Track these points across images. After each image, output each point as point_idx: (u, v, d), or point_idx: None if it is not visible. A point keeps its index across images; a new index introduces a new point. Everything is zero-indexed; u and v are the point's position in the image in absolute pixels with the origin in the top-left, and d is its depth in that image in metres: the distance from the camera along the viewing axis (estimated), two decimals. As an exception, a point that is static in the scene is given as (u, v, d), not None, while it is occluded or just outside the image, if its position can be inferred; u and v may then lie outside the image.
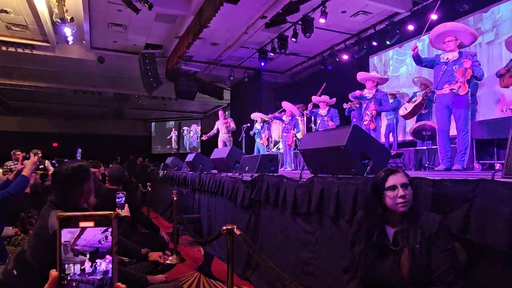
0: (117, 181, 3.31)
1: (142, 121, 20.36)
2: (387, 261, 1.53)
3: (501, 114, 5.66)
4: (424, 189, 1.76)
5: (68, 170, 1.74)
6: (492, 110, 6.16)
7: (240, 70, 11.48)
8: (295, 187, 2.76)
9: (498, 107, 6.08)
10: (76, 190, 1.73)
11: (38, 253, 1.59)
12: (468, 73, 3.57)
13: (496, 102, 6.20)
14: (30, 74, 11.45)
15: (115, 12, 7.81)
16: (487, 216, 1.47)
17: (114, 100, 15.70)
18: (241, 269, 3.54)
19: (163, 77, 10.64)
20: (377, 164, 2.43)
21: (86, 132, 18.50)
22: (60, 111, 17.35)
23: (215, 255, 4.41)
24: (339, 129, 3.03)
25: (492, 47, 6.38)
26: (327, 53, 9.78)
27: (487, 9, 6.50)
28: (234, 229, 2.34)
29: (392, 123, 6.89)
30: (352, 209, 2.17)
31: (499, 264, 1.46)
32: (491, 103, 6.23)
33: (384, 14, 7.82)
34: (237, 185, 3.86)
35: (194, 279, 3.60)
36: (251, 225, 3.60)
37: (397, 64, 8.45)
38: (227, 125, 8.81)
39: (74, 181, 1.73)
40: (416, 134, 5.49)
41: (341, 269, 1.84)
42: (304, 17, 7.55)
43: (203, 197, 5.34)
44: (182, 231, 5.45)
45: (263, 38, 9.15)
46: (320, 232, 2.57)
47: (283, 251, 3.03)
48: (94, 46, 9.82)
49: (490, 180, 1.58)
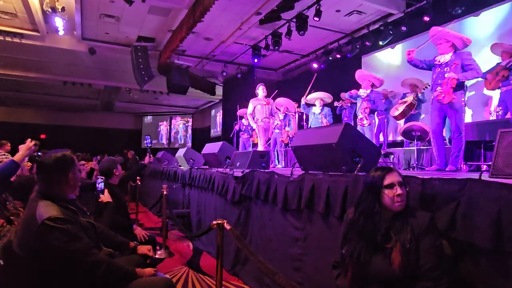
0: (105, 173, 3.13)
1: (132, 115, 20.15)
2: (379, 256, 1.56)
3: (489, 116, 5.78)
4: (413, 188, 1.79)
5: (51, 159, 1.70)
6: (481, 112, 6.27)
7: (233, 66, 11.44)
8: (286, 183, 2.77)
9: (487, 109, 6.20)
10: (60, 180, 1.69)
11: (25, 244, 1.57)
12: (452, 82, 3.58)
13: (484, 104, 6.32)
14: (18, 63, 11.21)
15: (108, 3, 7.69)
16: (473, 215, 1.50)
17: (105, 93, 15.48)
18: (230, 264, 3.55)
19: (155, 70, 10.54)
20: (368, 162, 2.46)
21: (75, 124, 18.24)
22: (48, 102, 17.03)
23: (204, 250, 4.41)
24: (331, 127, 3.05)
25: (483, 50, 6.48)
26: (321, 52, 9.82)
27: (478, 13, 6.60)
28: (225, 223, 2.34)
29: (383, 123, 6.98)
30: (341, 206, 2.19)
31: (483, 261, 1.50)
32: (479, 106, 6.35)
33: (377, 14, 7.88)
34: (228, 180, 3.86)
35: (182, 273, 3.59)
36: (241, 220, 3.60)
37: (389, 64, 8.52)
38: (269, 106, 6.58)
39: (57, 170, 1.69)
40: (406, 135, 5.57)
41: (330, 265, 1.85)
42: (299, 15, 7.55)
43: (193, 192, 5.32)
44: (171, 225, 5.43)
45: (257, 35, 9.12)
46: (309, 228, 2.59)
47: (273, 247, 3.04)
48: (85, 37, 9.65)
49: (477, 180, 1.61)
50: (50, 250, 1.53)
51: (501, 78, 5.04)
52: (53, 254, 1.54)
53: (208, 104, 17.98)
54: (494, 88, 5.20)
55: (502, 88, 5.10)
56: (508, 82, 5.00)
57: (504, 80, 5.02)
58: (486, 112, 6.16)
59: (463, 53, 3.74)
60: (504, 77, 5.01)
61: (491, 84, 5.18)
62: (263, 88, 6.28)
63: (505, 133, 2.02)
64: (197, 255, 4.28)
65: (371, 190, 1.63)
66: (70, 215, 1.64)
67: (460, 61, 3.66)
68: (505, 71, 5.02)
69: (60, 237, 1.53)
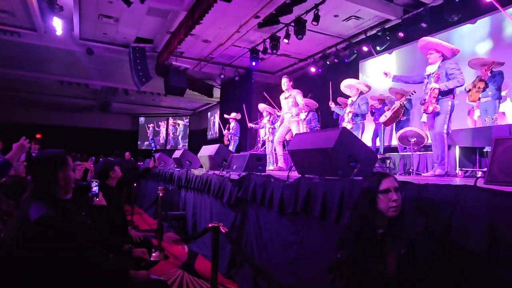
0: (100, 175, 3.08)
1: (129, 116, 20.07)
2: (374, 261, 1.56)
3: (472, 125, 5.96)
4: (409, 193, 1.80)
5: (42, 158, 1.68)
6: (464, 121, 6.45)
7: (231, 68, 11.45)
8: (282, 187, 2.77)
9: (470, 118, 6.45)
10: (52, 179, 1.66)
11: (17, 243, 1.56)
12: (434, 92, 3.70)
13: (467, 114, 6.54)
14: (14, 61, 11.15)
15: (106, 4, 7.69)
16: (468, 221, 1.51)
17: (102, 93, 15.43)
18: (225, 268, 3.53)
19: (153, 72, 10.53)
20: (364, 167, 2.47)
21: (70, 124, 18.13)
22: (44, 101, 16.94)
23: (200, 253, 4.39)
24: (328, 131, 3.06)
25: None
26: (318, 56, 9.86)
27: (474, 20, 6.67)
28: (220, 227, 2.34)
29: (379, 128, 7.02)
30: (337, 210, 2.19)
31: (478, 267, 1.51)
32: (462, 115, 6.47)
33: (375, 20, 7.94)
34: (224, 183, 3.85)
35: (177, 276, 3.57)
36: (237, 223, 3.60)
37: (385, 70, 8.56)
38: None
39: (48, 169, 1.66)
40: (402, 140, 5.61)
41: (325, 269, 1.85)
42: (297, 19, 7.58)
43: (189, 195, 5.31)
44: (167, 228, 5.40)
45: (255, 38, 9.15)
46: (305, 232, 2.59)
47: (268, 250, 3.04)
48: (83, 37, 9.63)
49: (472, 186, 1.62)
50: (43, 250, 1.52)
51: (478, 90, 5.22)
52: (46, 254, 1.53)
53: (205, 106, 17.97)
54: (474, 100, 5.43)
55: (481, 99, 5.24)
56: (486, 93, 5.13)
57: (482, 91, 5.17)
58: (469, 121, 6.36)
59: (447, 62, 3.82)
60: (480, 88, 5.16)
61: (471, 96, 5.37)
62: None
63: (500, 141, 2.03)
64: (192, 258, 4.26)
65: (367, 195, 1.64)
66: (64, 215, 1.62)
67: (444, 71, 3.76)
68: (481, 82, 5.19)
69: (52, 237, 1.52)
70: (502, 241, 1.38)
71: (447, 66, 3.77)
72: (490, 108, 5.05)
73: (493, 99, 5.04)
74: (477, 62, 5.23)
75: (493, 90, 5.03)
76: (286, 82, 5.59)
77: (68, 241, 1.56)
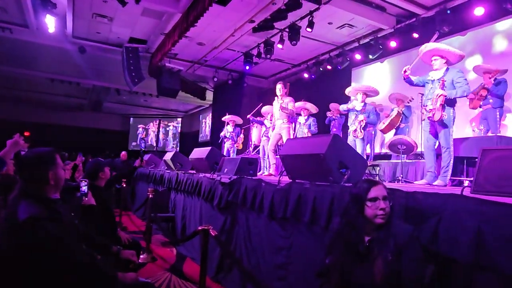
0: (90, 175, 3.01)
1: (120, 116, 19.89)
2: (362, 267, 1.58)
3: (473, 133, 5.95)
4: (397, 201, 1.83)
5: (29, 157, 1.65)
6: (463, 129, 6.45)
7: (224, 72, 11.46)
8: (273, 191, 2.78)
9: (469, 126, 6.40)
10: (40, 178, 1.63)
11: (5, 242, 1.53)
12: (440, 99, 3.64)
13: (467, 121, 6.53)
14: (4, 58, 10.97)
15: (101, 3, 7.64)
16: (455, 229, 1.54)
17: (93, 92, 15.28)
18: (213, 271, 3.52)
19: (146, 72, 10.48)
20: (354, 173, 2.49)
21: (60, 123, 17.88)
22: (34, 99, 16.68)
23: (188, 255, 4.36)
24: (319, 137, 3.09)
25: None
26: (312, 62, 9.94)
27: (465, 33, 6.81)
28: (210, 230, 2.34)
29: (370, 135, 7.08)
30: (327, 216, 2.21)
31: (463, 275, 1.53)
32: (462, 123, 6.52)
33: (368, 29, 8.05)
34: (214, 186, 3.84)
35: (165, 279, 3.54)
36: (226, 227, 3.59)
37: (378, 78, 8.68)
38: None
39: (37, 168, 1.63)
40: (393, 148, 5.66)
41: (314, 275, 1.86)
42: (292, 25, 7.64)
43: (179, 197, 5.28)
44: (155, 230, 5.35)
45: (249, 42, 9.18)
46: (295, 237, 2.59)
47: (257, 255, 3.03)
48: (76, 35, 9.54)
49: (459, 195, 1.65)
50: (31, 250, 1.49)
51: (480, 97, 5.22)
52: (34, 254, 1.51)
53: (197, 109, 17.93)
54: (475, 107, 5.40)
55: (482, 107, 5.29)
56: (487, 101, 5.18)
57: (483, 99, 5.20)
58: (469, 129, 6.36)
59: (454, 70, 3.77)
60: (482, 96, 5.19)
61: (472, 103, 5.38)
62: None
63: (487, 151, 2.08)
64: (181, 260, 4.23)
65: (355, 202, 1.66)
66: (52, 215, 1.60)
67: (451, 78, 3.71)
68: (483, 90, 5.21)
69: (41, 237, 1.50)
70: (488, 249, 1.41)
71: (454, 74, 3.70)
72: (491, 116, 5.04)
73: (493, 107, 5.04)
74: (481, 69, 5.25)
75: (495, 98, 5.03)
76: (281, 88, 5.48)
77: (56, 242, 1.54)
